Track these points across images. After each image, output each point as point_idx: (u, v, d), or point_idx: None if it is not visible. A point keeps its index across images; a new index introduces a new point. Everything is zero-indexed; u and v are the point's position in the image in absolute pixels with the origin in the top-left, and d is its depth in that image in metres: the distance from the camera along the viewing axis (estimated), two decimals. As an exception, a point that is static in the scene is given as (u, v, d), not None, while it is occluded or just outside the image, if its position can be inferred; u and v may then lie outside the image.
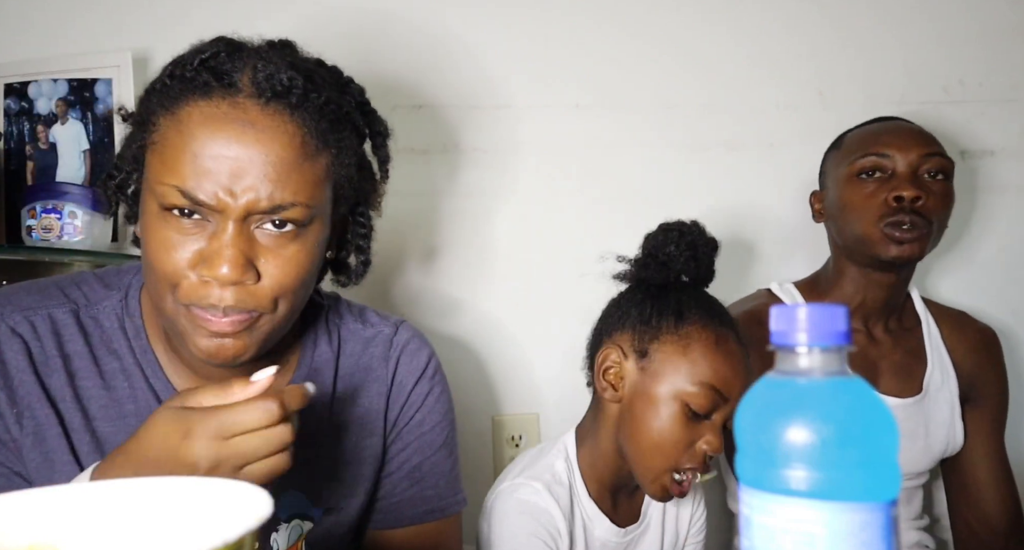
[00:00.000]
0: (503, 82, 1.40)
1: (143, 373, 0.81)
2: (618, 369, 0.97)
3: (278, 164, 0.71)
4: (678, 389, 0.92)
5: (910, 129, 1.20)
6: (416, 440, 0.91)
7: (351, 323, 0.93)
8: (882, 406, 0.42)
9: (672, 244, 0.99)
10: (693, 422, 0.92)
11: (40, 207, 1.17)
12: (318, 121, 0.74)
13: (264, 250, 0.73)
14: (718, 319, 0.97)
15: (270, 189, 0.70)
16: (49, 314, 0.79)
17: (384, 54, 1.36)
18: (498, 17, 1.41)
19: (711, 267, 1.03)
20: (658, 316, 0.97)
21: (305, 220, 0.74)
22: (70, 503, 0.45)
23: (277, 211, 0.72)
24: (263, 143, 0.70)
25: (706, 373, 0.92)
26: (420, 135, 1.38)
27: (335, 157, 0.77)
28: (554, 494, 0.96)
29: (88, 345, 0.80)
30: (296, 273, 0.74)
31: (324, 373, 0.88)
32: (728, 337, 0.95)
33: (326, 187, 0.76)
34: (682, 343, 0.94)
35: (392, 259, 1.39)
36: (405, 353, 0.92)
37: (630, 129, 1.42)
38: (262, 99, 0.71)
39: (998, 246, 1.47)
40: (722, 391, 0.92)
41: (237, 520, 0.40)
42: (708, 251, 1.01)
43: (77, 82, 1.28)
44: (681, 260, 0.99)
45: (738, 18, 1.44)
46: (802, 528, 0.41)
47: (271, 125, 0.71)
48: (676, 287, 1.00)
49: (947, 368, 1.23)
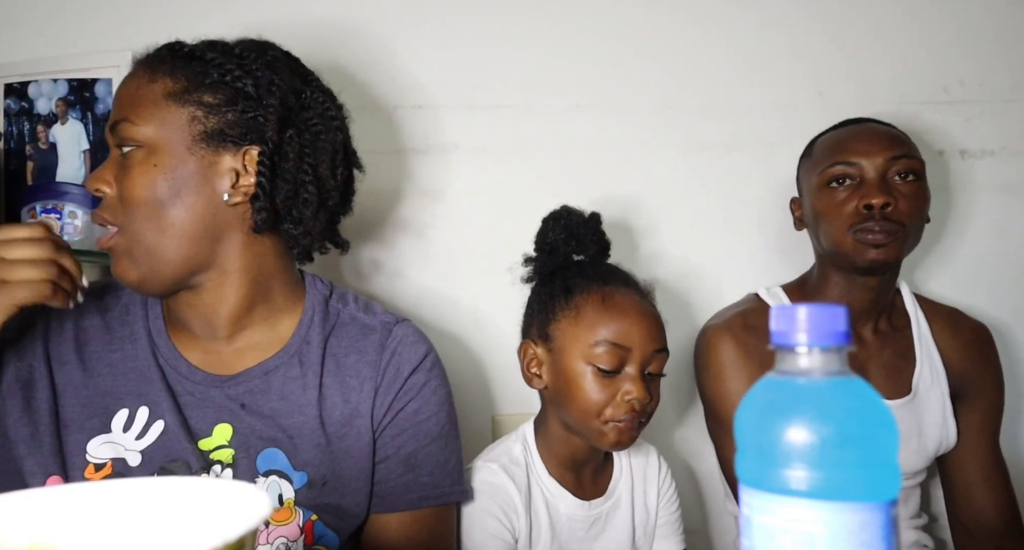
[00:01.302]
0: (503, 82, 1.40)
1: (149, 332, 0.94)
2: (536, 359, 1.06)
3: (122, 95, 0.89)
4: (582, 354, 0.99)
5: (876, 132, 1.18)
6: (412, 428, 0.94)
7: (354, 310, 1.00)
8: (882, 406, 0.42)
9: (550, 231, 1.09)
10: (609, 378, 0.98)
11: (40, 207, 1.17)
12: (159, 61, 0.89)
13: (120, 170, 0.87)
14: (603, 280, 1.03)
15: (117, 113, 0.88)
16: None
17: (384, 54, 1.36)
18: (498, 17, 1.40)
19: (597, 239, 1.10)
20: (550, 298, 1.05)
21: (135, 137, 0.86)
22: (70, 503, 0.45)
23: (114, 128, 0.87)
24: (126, 85, 0.89)
25: (599, 331, 0.98)
26: (420, 135, 1.38)
27: (180, 87, 0.87)
28: (509, 473, 1.04)
29: (105, 320, 0.94)
30: (137, 187, 0.85)
31: (314, 346, 0.94)
32: (615, 292, 1.02)
33: (164, 110, 0.87)
34: (573, 313, 1.01)
35: (392, 259, 1.39)
36: (403, 344, 0.97)
37: (630, 129, 1.42)
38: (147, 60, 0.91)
39: (998, 246, 1.47)
40: (619, 343, 0.98)
41: (237, 520, 0.40)
42: (584, 226, 1.09)
43: (77, 82, 1.28)
44: (561, 241, 1.08)
45: (737, 18, 1.44)
46: (802, 528, 0.41)
47: (135, 75, 0.90)
48: (570, 264, 1.08)
49: (937, 367, 1.23)
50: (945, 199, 1.46)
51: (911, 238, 1.16)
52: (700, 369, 1.24)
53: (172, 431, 0.88)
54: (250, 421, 0.90)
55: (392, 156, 1.37)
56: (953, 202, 1.46)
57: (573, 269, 1.07)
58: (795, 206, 1.28)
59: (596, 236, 1.10)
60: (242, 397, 0.91)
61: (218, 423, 0.90)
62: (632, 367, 0.98)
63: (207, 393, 0.91)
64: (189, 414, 0.90)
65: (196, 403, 0.90)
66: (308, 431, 0.90)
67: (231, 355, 0.93)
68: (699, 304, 1.31)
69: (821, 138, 1.24)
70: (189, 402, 0.90)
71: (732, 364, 1.19)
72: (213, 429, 0.90)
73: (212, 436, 0.89)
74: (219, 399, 0.91)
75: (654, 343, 0.99)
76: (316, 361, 0.93)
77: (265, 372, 0.92)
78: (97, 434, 0.88)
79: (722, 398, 1.20)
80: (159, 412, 0.89)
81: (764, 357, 1.19)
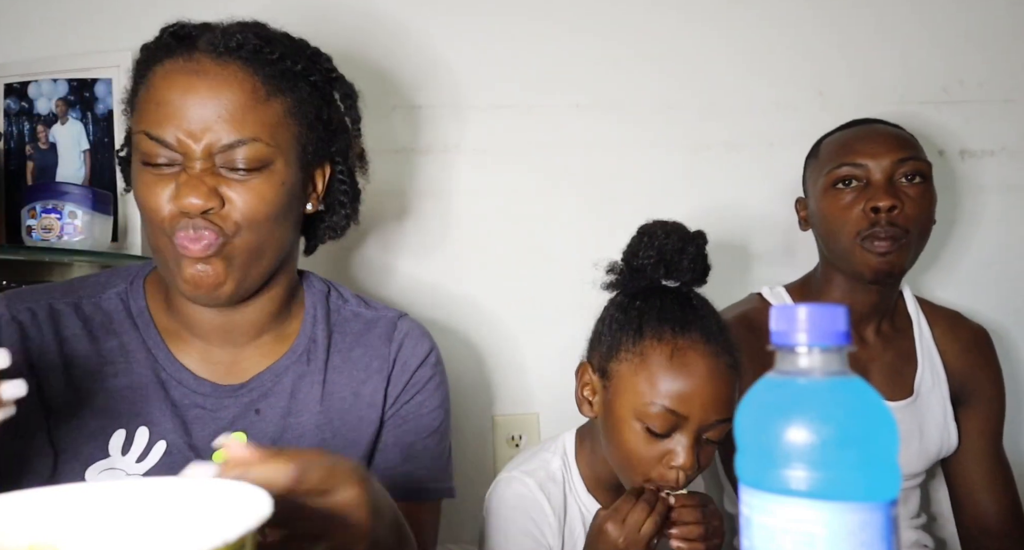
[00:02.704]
0: (503, 82, 1.40)
1: (145, 344, 0.88)
2: (591, 386, 0.98)
3: (231, 106, 0.79)
4: (635, 409, 0.90)
5: (883, 134, 1.18)
6: (414, 420, 0.95)
7: (355, 306, 0.99)
8: (882, 406, 0.42)
9: (642, 249, 0.97)
10: (658, 439, 0.90)
11: (40, 207, 1.17)
12: (269, 71, 0.82)
13: (231, 183, 0.80)
14: (680, 327, 0.92)
15: (226, 128, 0.79)
16: (49, 304, 0.86)
17: (383, 54, 1.36)
18: (498, 17, 1.41)
19: (691, 265, 0.96)
20: (620, 331, 0.95)
21: (266, 158, 0.81)
22: (70, 503, 0.45)
23: (236, 146, 0.79)
24: (214, 89, 0.79)
25: (658, 393, 0.89)
26: (420, 135, 1.38)
27: (292, 105, 0.84)
28: (546, 491, 0.98)
29: (87, 329, 0.86)
30: (260, 204, 0.81)
31: (320, 343, 0.93)
32: (688, 349, 0.90)
33: (285, 130, 0.83)
34: (637, 359, 0.92)
35: (391, 259, 1.39)
36: (409, 338, 0.97)
37: (630, 129, 1.42)
38: (214, 53, 0.80)
39: (998, 246, 1.47)
40: (678, 411, 0.88)
41: (237, 520, 0.40)
42: (680, 252, 0.96)
43: (77, 82, 1.28)
44: (650, 267, 0.96)
45: (738, 18, 1.44)
46: (802, 528, 0.41)
47: (222, 73, 0.80)
48: (654, 293, 0.96)
49: (938, 369, 1.23)
50: (945, 199, 1.45)
51: (917, 244, 1.16)
52: None
53: (175, 450, 0.84)
54: (262, 426, 0.88)
55: (392, 156, 1.37)
56: (953, 202, 1.46)
57: (657, 301, 0.95)
58: (800, 206, 1.28)
59: (693, 261, 0.96)
60: (257, 403, 0.89)
61: (232, 432, 0.86)
62: (685, 435, 0.89)
63: (219, 404, 0.87)
64: (197, 428, 0.86)
65: (207, 416, 0.87)
66: (312, 428, 0.90)
67: (241, 362, 0.90)
68: (699, 304, 1.31)
69: (828, 139, 1.23)
70: (199, 415, 0.86)
71: None
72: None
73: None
74: (234, 408, 0.88)
75: (716, 414, 0.89)
76: (322, 358, 0.93)
77: (276, 374, 0.90)
78: (95, 460, 0.82)
79: None
80: (160, 432, 0.85)
81: (765, 357, 1.20)
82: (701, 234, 0.98)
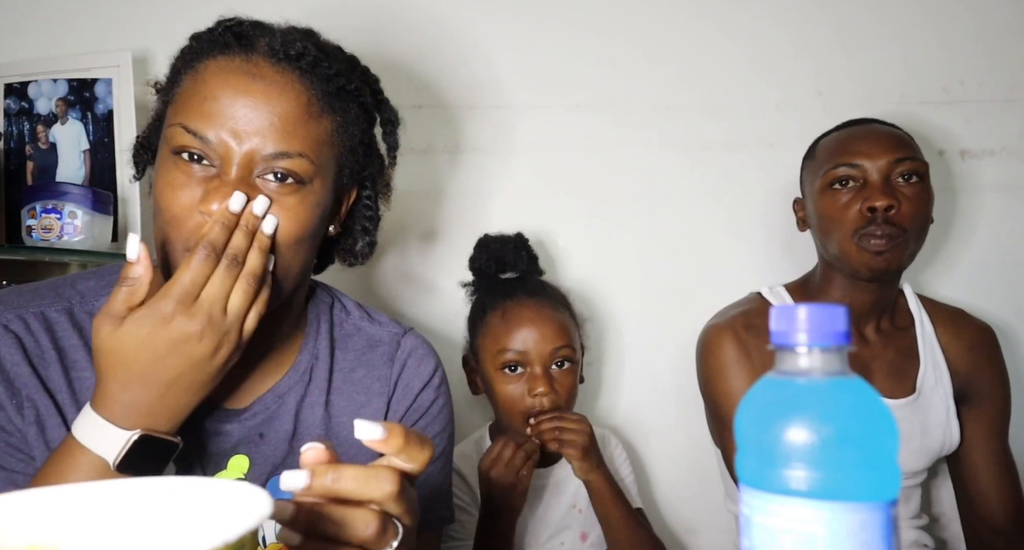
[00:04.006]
0: (503, 82, 1.40)
1: None
2: (472, 369, 1.24)
3: (284, 117, 0.74)
4: (494, 363, 1.17)
5: (879, 134, 1.18)
6: None
7: (358, 320, 0.94)
8: (882, 406, 0.42)
9: (478, 255, 1.26)
10: (517, 378, 1.16)
11: (40, 207, 1.17)
12: (325, 87, 0.78)
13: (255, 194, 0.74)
14: (507, 294, 1.19)
15: (275, 137, 0.74)
16: (42, 312, 0.79)
17: (384, 54, 1.36)
18: (498, 17, 1.41)
19: (516, 256, 1.24)
20: (472, 321, 1.24)
21: (307, 175, 0.76)
22: (71, 503, 0.45)
23: (280, 159, 0.74)
24: (270, 95, 0.74)
25: (501, 342, 1.16)
26: (420, 135, 1.38)
27: (340, 125, 0.80)
28: (459, 462, 1.21)
29: (83, 339, 0.79)
30: (295, 224, 0.76)
31: (322, 361, 0.89)
32: (515, 305, 1.17)
33: (329, 150, 0.79)
34: (484, 329, 1.20)
35: (391, 259, 1.39)
36: (413, 357, 0.93)
37: (630, 129, 1.42)
38: (274, 59, 0.76)
39: (998, 246, 1.46)
40: (518, 349, 1.15)
41: (237, 520, 0.40)
42: (499, 246, 1.25)
43: (77, 82, 1.28)
44: (483, 264, 1.25)
45: (738, 18, 1.44)
46: (802, 528, 0.41)
47: (280, 81, 0.75)
48: (495, 283, 1.24)
49: (941, 367, 1.22)
50: (945, 199, 1.46)
51: (914, 242, 1.16)
52: (701, 368, 1.24)
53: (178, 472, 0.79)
54: (267, 450, 0.84)
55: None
56: (953, 202, 1.46)
57: (493, 288, 1.23)
58: (798, 207, 1.28)
59: (516, 253, 1.25)
60: (261, 427, 0.84)
61: (234, 456, 0.83)
62: (535, 367, 1.15)
63: (220, 428, 0.82)
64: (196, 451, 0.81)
65: (208, 437, 0.82)
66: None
67: (243, 382, 0.84)
68: (700, 304, 1.31)
69: (824, 139, 1.24)
70: (201, 439, 0.81)
71: (733, 363, 1.19)
72: (228, 463, 0.82)
73: (227, 469, 0.82)
74: (237, 432, 0.83)
75: (550, 343, 1.15)
76: (324, 377, 0.88)
77: (279, 396, 0.85)
78: None
79: (723, 397, 1.20)
80: None
81: (766, 356, 1.20)
82: (520, 234, 1.27)
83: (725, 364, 1.20)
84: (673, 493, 1.43)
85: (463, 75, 1.39)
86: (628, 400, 1.44)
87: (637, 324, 1.43)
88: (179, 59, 0.81)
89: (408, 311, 1.39)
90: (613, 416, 1.44)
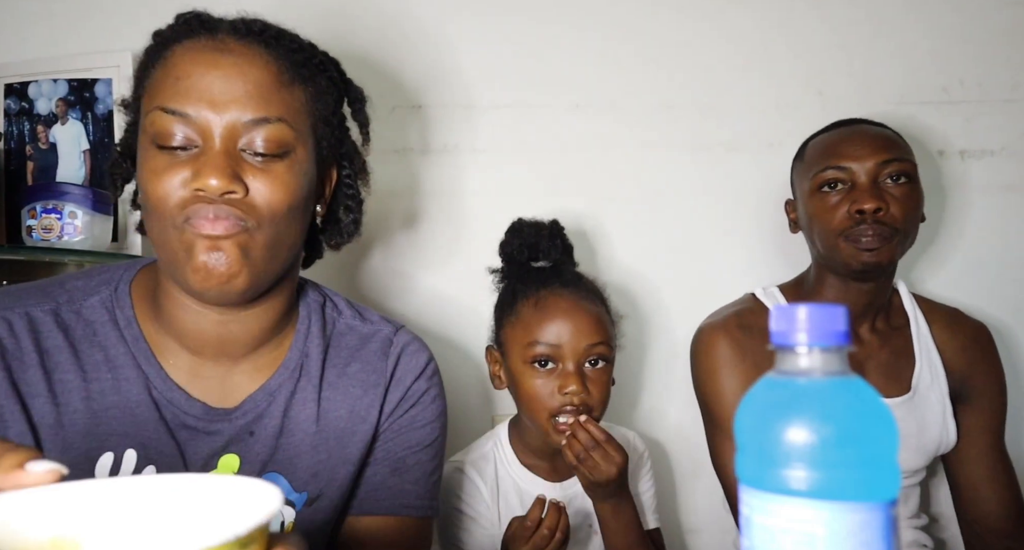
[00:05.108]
0: (503, 82, 1.40)
1: (134, 359, 0.81)
2: (496, 362, 1.15)
3: (258, 83, 0.76)
4: (522, 356, 1.08)
5: (867, 135, 1.18)
6: (406, 433, 0.92)
7: (350, 318, 0.95)
8: (882, 406, 0.42)
9: (508, 243, 1.17)
10: (547, 373, 1.07)
11: (40, 207, 1.17)
12: (292, 57, 0.80)
13: (252, 169, 0.76)
14: (541, 284, 1.11)
15: (252, 105, 0.76)
16: (27, 312, 0.79)
17: (383, 54, 1.36)
18: (497, 17, 1.41)
19: (551, 245, 1.16)
20: (502, 306, 1.15)
21: (289, 143, 0.77)
22: (92, 498, 0.46)
23: (261, 125, 0.76)
24: (241, 66, 0.76)
25: (532, 334, 1.07)
26: (420, 135, 1.38)
27: (312, 95, 0.82)
28: (477, 467, 1.15)
29: (68, 340, 0.79)
30: (283, 193, 0.77)
31: (314, 358, 0.89)
32: (549, 295, 1.09)
33: (306, 119, 0.81)
34: (514, 320, 1.11)
35: (390, 259, 1.39)
36: (406, 353, 0.94)
37: (630, 129, 1.42)
38: (238, 35, 0.79)
39: (998, 246, 1.46)
40: (551, 342, 1.06)
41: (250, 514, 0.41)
42: (540, 235, 1.16)
43: (77, 82, 1.28)
44: (516, 250, 1.16)
45: (737, 18, 1.44)
46: (802, 528, 0.41)
47: (248, 53, 0.77)
48: (526, 271, 1.16)
49: (936, 366, 1.23)
50: (945, 199, 1.46)
51: (905, 240, 1.16)
52: (695, 368, 1.24)
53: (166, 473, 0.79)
54: (257, 448, 0.84)
55: (391, 156, 1.37)
56: (953, 202, 1.46)
57: (524, 276, 1.15)
58: (790, 208, 1.28)
59: (551, 241, 1.17)
60: (251, 425, 0.84)
61: (224, 455, 0.83)
62: (567, 364, 1.06)
63: (211, 427, 0.82)
64: (190, 451, 0.81)
65: (200, 438, 0.82)
66: (308, 448, 0.86)
67: (233, 380, 0.85)
68: (697, 303, 1.31)
69: (813, 141, 1.24)
70: (189, 437, 0.81)
71: (727, 363, 1.19)
72: (218, 462, 0.83)
73: (218, 469, 0.83)
74: (228, 431, 0.83)
75: (585, 339, 1.06)
76: (316, 374, 0.88)
77: (269, 393, 0.86)
78: None
79: (716, 397, 1.20)
80: (149, 454, 0.79)
81: (759, 357, 1.20)
82: (555, 222, 1.18)
83: (719, 364, 1.20)
84: (673, 493, 1.43)
85: (463, 75, 1.39)
86: (622, 399, 1.44)
87: (635, 324, 1.43)
88: (145, 56, 0.82)
89: (404, 311, 1.39)
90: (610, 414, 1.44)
